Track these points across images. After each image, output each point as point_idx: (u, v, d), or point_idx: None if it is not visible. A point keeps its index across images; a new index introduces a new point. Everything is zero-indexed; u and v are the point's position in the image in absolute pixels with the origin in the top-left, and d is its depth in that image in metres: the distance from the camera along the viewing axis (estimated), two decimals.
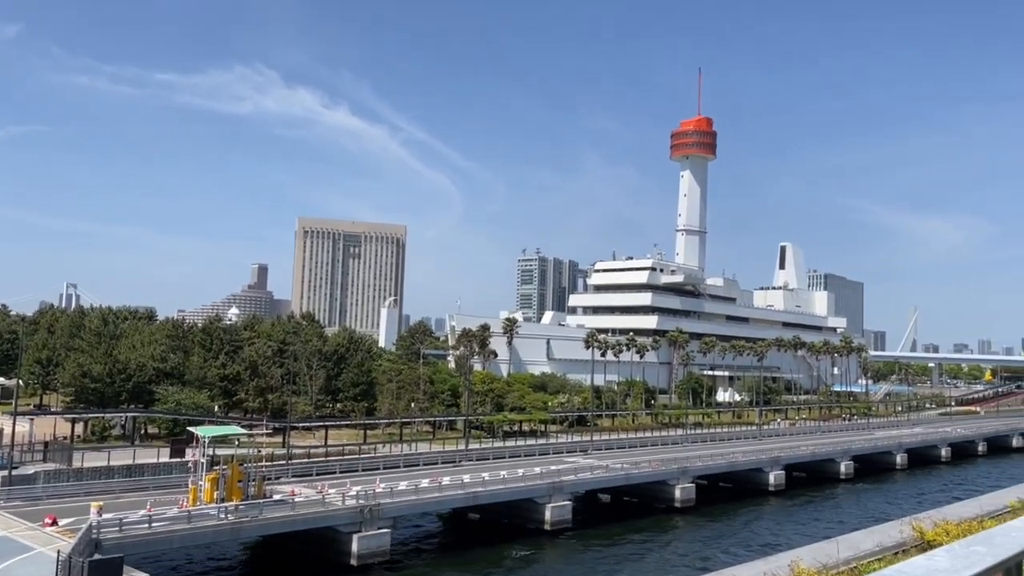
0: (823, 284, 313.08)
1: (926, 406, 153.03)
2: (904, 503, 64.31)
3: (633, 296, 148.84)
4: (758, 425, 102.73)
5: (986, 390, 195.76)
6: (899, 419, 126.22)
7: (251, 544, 44.06)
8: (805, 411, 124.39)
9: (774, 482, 67.90)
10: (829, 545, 16.31)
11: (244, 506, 39.54)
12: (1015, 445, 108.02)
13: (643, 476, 58.83)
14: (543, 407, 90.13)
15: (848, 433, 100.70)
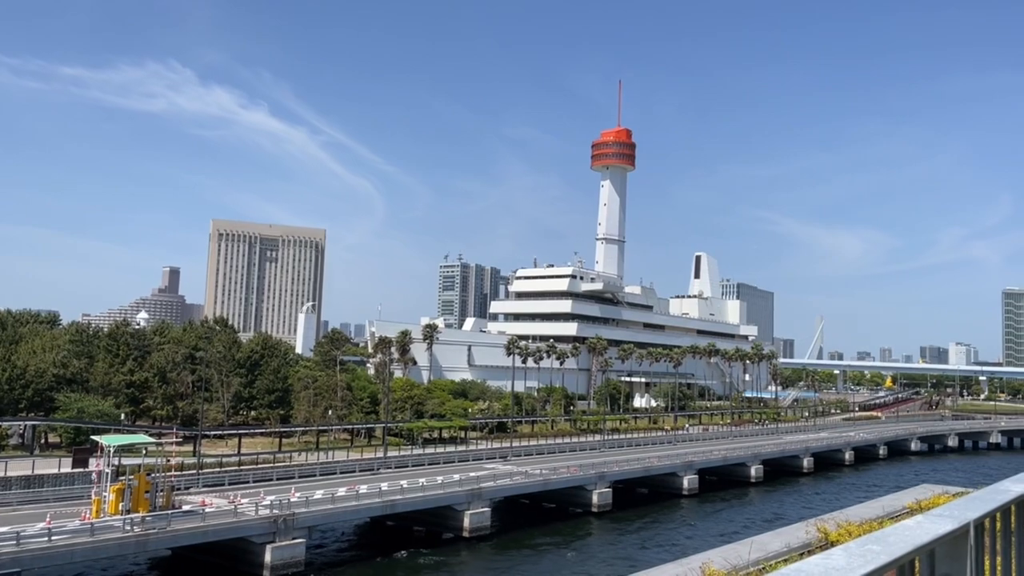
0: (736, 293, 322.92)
1: (831, 412, 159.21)
2: (810, 505, 66.78)
3: (554, 303, 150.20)
4: (673, 430, 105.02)
5: (887, 396, 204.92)
6: (806, 424, 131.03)
7: (159, 557, 42.46)
8: (718, 416, 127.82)
9: (688, 486, 69.58)
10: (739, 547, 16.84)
11: (151, 518, 38.13)
12: (914, 449, 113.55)
13: (561, 481, 59.39)
14: (463, 414, 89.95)
15: (758, 438, 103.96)
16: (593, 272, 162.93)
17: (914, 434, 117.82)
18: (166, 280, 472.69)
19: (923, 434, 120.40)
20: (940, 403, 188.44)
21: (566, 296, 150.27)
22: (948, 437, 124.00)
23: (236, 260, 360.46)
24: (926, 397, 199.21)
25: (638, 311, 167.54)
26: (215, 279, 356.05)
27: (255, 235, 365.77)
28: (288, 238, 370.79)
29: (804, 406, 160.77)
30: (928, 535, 1.94)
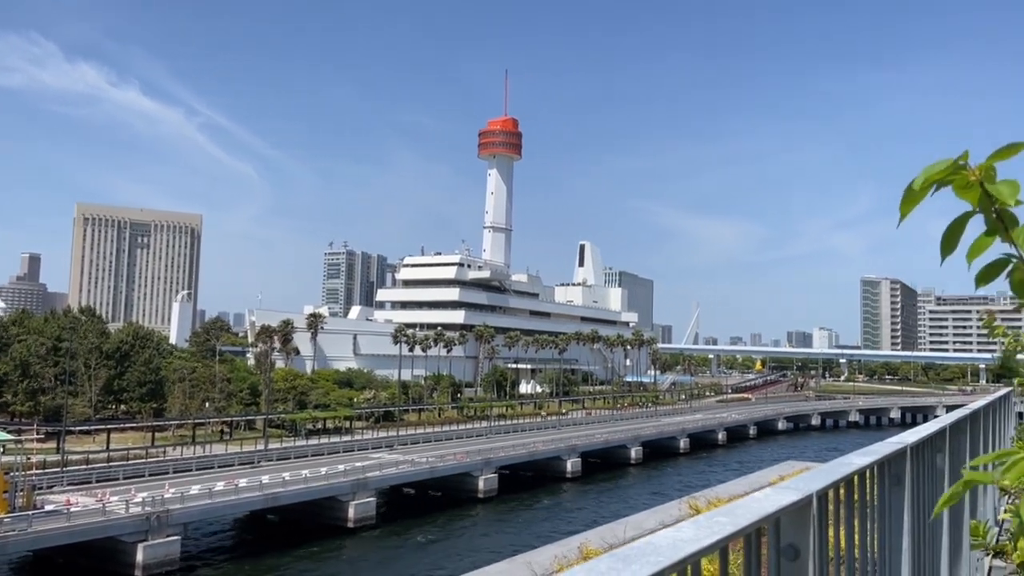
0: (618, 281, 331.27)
1: (706, 394, 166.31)
2: (687, 483, 69.66)
3: (441, 291, 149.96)
4: (558, 415, 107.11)
5: (757, 379, 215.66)
6: (683, 407, 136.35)
7: (21, 560, 39.85)
8: (601, 401, 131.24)
9: (572, 469, 71.21)
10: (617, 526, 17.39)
11: (10, 519, 35.72)
12: (781, 428, 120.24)
13: (448, 469, 59.57)
14: (349, 404, 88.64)
15: (638, 421, 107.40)
16: (481, 260, 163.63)
17: (781, 414, 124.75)
18: (25, 267, 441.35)
19: (789, 414, 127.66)
20: (805, 384, 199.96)
21: (454, 284, 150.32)
22: (812, 416, 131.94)
23: (104, 246, 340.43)
24: (792, 379, 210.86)
25: (525, 299, 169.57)
26: (80, 266, 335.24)
27: (125, 220, 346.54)
28: (161, 223, 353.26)
29: (681, 389, 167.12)
30: (773, 506, 2.06)
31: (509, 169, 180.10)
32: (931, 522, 4.78)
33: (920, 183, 1.34)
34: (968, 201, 1.36)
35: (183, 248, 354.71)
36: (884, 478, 3.53)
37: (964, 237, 1.36)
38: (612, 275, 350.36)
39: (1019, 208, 1.30)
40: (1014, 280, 1.35)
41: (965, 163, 1.32)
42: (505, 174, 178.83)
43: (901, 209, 1.40)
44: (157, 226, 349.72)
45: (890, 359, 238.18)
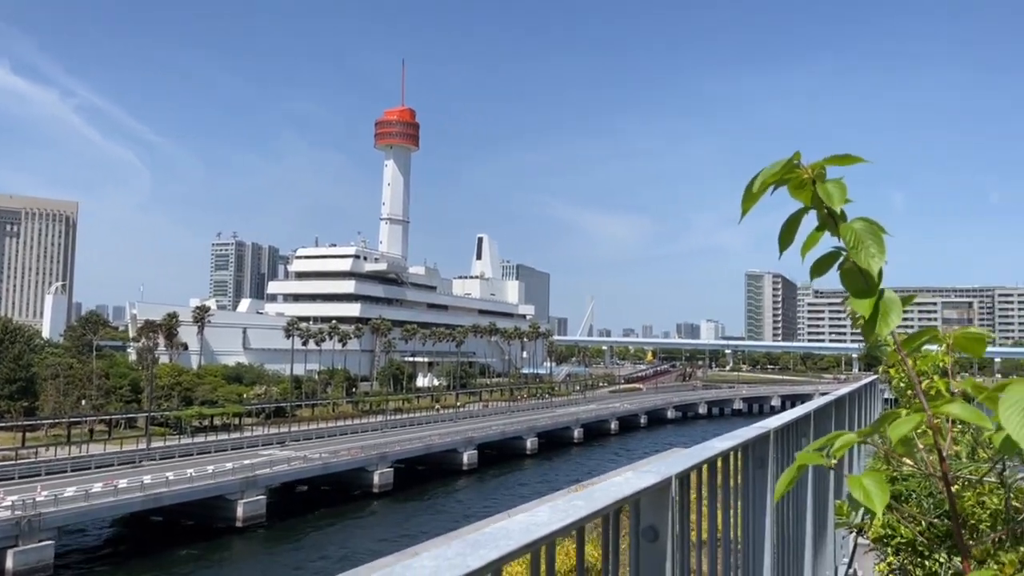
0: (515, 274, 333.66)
1: (599, 385, 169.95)
2: (579, 472, 71.10)
3: (336, 284, 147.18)
4: (455, 408, 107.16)
5: (648, 369, 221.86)
6: (577, 397, 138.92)
7: None
8: (497, 393, 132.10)
9: (468, 461, 71.43)
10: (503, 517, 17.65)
11: None
12: (670, 417, 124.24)
13: (342, 464, 58.67)
14: (238, 400, 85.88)
15: (534, 412, 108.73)
16: (377, 252, 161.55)
17: (670, 403, 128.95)
18: None
19: (678, 403, 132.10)
20: (693, 375, 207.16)
21: (349, 276, 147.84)
22: (699, 405, 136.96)
23: None
24: (681, 370, 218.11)
25: (422, 292, 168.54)
26: None
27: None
28: (33, 211, 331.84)
29: (576, 380, 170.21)
30: (631, 489, 2.11)
31: (406, 160, 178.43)
32: (796, 503, 5.05)
33: (758, 185, 1.40)
34: (801, 200, 1.45)
35: (57, 237, 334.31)
36: (748, 461, 3.69)
37: (802, 233, 1.44)
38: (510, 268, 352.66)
39: (850, 205, 1.45)
40: (843, 272, 1.41)
41: (798, 163, 1.39)
42: (402, 165, 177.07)
43: (742, 207, 1.46)
44: (28, 214, 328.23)
45: (771, 349, 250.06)
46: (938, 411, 1.39)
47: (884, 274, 1.37)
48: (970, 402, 1.44)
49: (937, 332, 1.74)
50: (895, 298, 1.41)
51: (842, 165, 1.41)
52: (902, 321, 1.39)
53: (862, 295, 1.39)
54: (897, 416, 1.42)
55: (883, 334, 1.36)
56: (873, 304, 1.38)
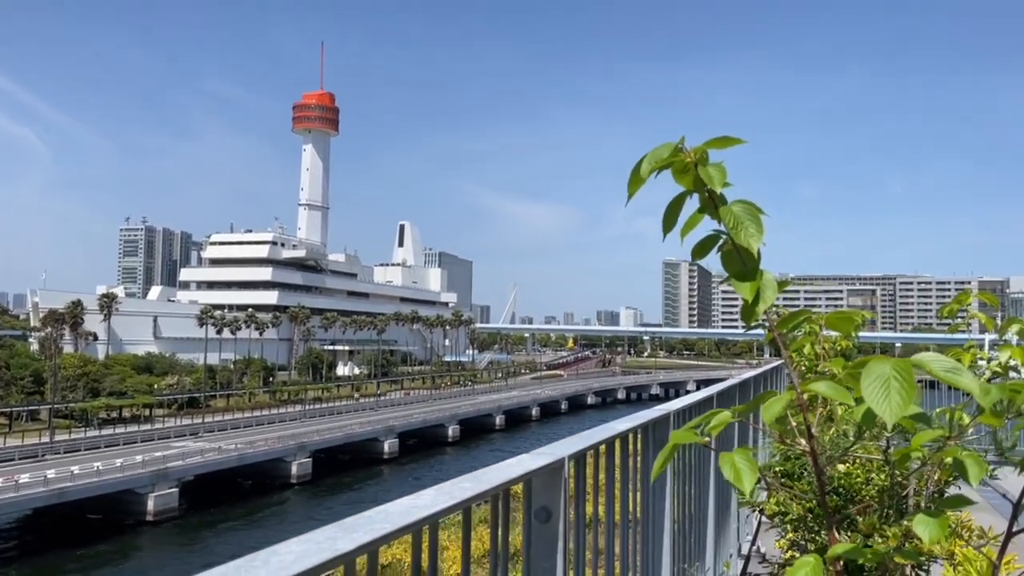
0: (438, 261, 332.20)
1: (522, 372, 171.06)
2: (499, 458, 71.21)
3: (252, 271, 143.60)
4: (376, 397, 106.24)
5: (569, 356, 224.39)
6: (500, 384, 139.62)
7: None
8: (419, 381, 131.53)
9: (389, 450, 71.00)
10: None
11: None
12: (590, 402, 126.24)
13: (259, 455, 57.50)
14: (149, 390, 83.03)
15: (456, 400, 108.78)
16: (295, 239, 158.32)
17: (590, 389, 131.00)
18: None
19: (597, 389, 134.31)
20: (612, 361, 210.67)
21: (266, 263, 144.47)
22: (618, 391, 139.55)
23: None
24: (601, 356, 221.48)
25: (342, 279, 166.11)
26: None
27: None
28: None
29: (498, 368, 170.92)
30: (522, 470, 2.12)
31: (326, 145, 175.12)
32: (700, 482, 5.20)
33: (645, 168, 1.41)
34: (683, 184, 1.46)
35: None
36: (649, 442, 3.77)
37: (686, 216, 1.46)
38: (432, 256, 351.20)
39: (729, 189, 1.47)
40: (724, 255, 1.43)
41: (682, 147, 1.40)
42: (321, 150, 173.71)
43: (629, 190, 1.48)
44: None
45: (688, 336, 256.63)
46: (806, 389, 1.44)
47: (763, 255, 1.45)
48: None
49: (810, 313, 1.80)
50: (772, 279, 1.43)
51: (721, 148, 1.42)
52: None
53: (741, 277, 1.42)
54: (772, 396, 1.46)
55: (760, 313, 1.41)
56: (752, 285, 1.41)
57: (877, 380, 1.26)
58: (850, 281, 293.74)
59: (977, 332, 4.22)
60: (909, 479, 4.11)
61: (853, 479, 4.36)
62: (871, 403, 1.25)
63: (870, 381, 1.27)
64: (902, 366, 1.28)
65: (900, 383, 1.25)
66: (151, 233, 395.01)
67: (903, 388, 1.24)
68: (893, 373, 1.26)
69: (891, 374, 1.26)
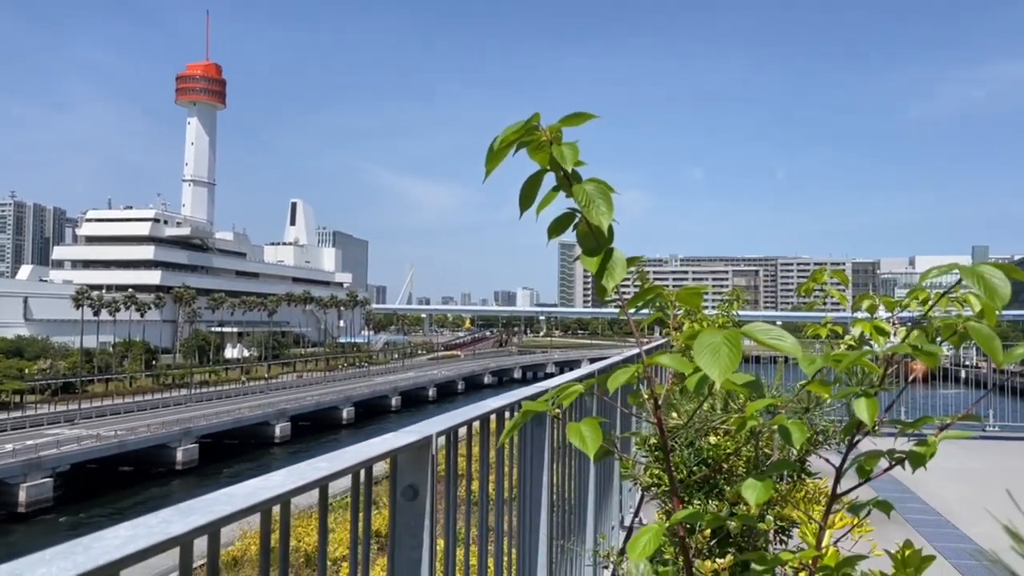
0: (332, 241, 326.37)
1: (419, 353, 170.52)
2: None
3: (133, 249, 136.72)
4: (267, 380, 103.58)
5: (466, 336, 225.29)
6: (396, 366, 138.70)
7: None
8: (313, 363, 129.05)
9: (280, 433, 69.49)
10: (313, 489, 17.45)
11: None
12: (487, 382, 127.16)
13: (140, 441, 55.17)
14: (18, 375, 78.10)
15: (351, 381, 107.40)
16: (180, 216, 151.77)
17: (487, 369, 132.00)
18: None
19: (494, 368, 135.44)
20: (508, 341, 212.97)
21: (148, 242, 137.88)
22: (514, 370, 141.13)
23: None
24: (498, 336, 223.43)
25: (231, 258, 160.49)
26: None
27: None
28: None
29: (395, 349, 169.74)
30: (385, 448, 2.10)
31: (212, 118, 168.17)
32: (580, 457, 5.31)
33: (498, 144, 1.42)
34: (539, 161, 1.47)
35: None
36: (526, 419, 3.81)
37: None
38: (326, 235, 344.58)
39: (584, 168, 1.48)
40: (579, 233, 1.45)
41: (537, 125, 1.41)
42: (207, 123, 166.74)
43: (486, 167, 1.49)
44: None
45: (582, 315, 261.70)
46: (652, 362, 1.47)
47: (615, 233, 1.46)
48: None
49: (660, 290, 1.85)
50: (621, 256, 1.45)
51: (575, 125, 1.43)
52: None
53: (593, 253, 1.44)
54: (620, 368, 1.48)
55: (609, 289, 1.43)
56: (602, 262, 1.43)
57: (708, 347, 1.32)
58: (735, 262, 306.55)
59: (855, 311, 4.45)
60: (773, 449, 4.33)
61: (721, 450, 4.55)
62: (702, 366, 1.31)
63: (702, 348, 1.32)
64: (732, 335, 1.34)
65: (728, 348, 1.31)
66: (20, 209, 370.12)
67: (731, 353, 1.31)
68: (723, 341, 1.33)
69: (721, 342, 1.32)
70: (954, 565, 6.05)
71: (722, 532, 3.54)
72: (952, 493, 8.76)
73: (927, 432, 1.57)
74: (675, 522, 1.57)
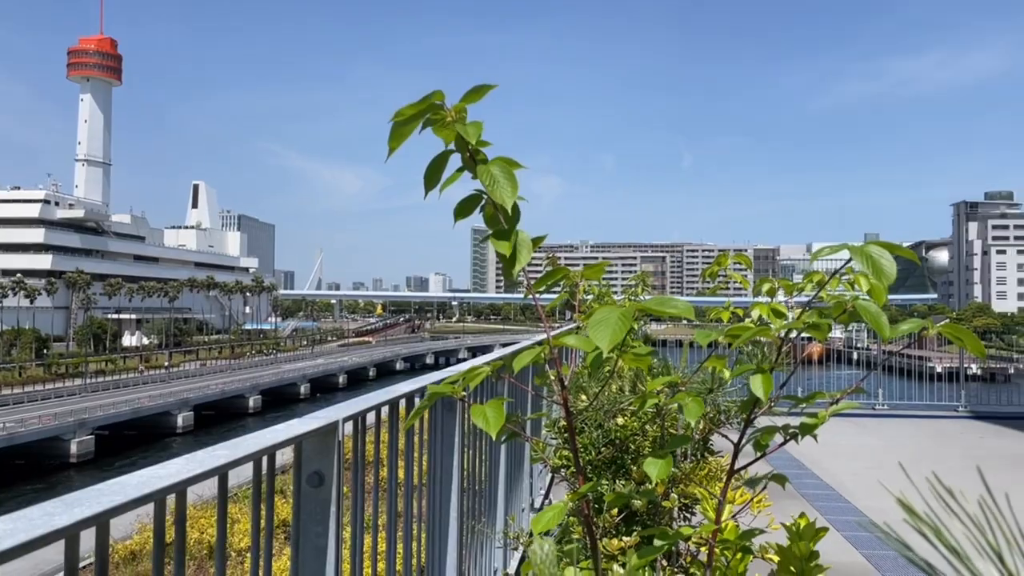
0: (237, 224, 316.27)
1: (328, 339, 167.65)
2: None
3: (21, 232, 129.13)
4: (169, 368, 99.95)
5: (377, 323, 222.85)
6: (305, 353, 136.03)
7: None
8: (217, 351, 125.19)
9: (183, 423, 67.32)
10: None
11: None
12: (398, 368, 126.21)
13: (31, 434, 52.49)
14: None
15: (258, 369, 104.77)
16: (72, 198, 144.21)
17: (399, 355, 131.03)
18: None
19: (406, 355, 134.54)
20: (421, 326, 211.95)
21: (38, 224, 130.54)
22: (427, 356, 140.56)
23: None
24: (410, 322, 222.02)
25: (128, 242, 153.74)
26: None
27: None
28: None
29: (304, 335, 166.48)
30: (289, 434, 2.05)
31: (107, 95, 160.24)
32: (490, 442, 5.34)
33: (395, 118, 1.44)
34: (445, 139, 1.46)
35: None
36: (437, 404, 3.79)
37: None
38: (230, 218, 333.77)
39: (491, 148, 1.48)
40: (486, 215, 1.45)
41: (442, 103, 1.39)
42: (102, 101, 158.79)
43: (389, 145, 1.49)
44: None
45: (495, 300, 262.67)
46: (556, 343, 1.47)
47: (520, 213, 1.46)
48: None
49: (567, 271, 1.86)
50: (527, 238, 1.45)
51: (476, 99, 1.41)
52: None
53: (500, 236, 1.44)
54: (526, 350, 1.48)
55: (516, 270, 1.43)
56: (508, 244, 1.42)
57: (602, 321, 1.35)
58: (643, 248, 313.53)
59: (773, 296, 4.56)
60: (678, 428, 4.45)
61: (628, 431, 4.65)
62: (594, 338, 1.33)
63: (596, 322, 1.35)
64: (624, 310, 1.37)
65: (619, 321, 1.34)
66: None
67: (620, 324, 1.34)
68: (616, 315, 1.36)
69: (615, 315, 1.36)
70: (845, 537, 6.39)
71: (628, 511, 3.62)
72: (845, 468, 9.22)
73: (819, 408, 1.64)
74: (579, 496, 1.59)
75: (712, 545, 1.63)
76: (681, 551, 3.03)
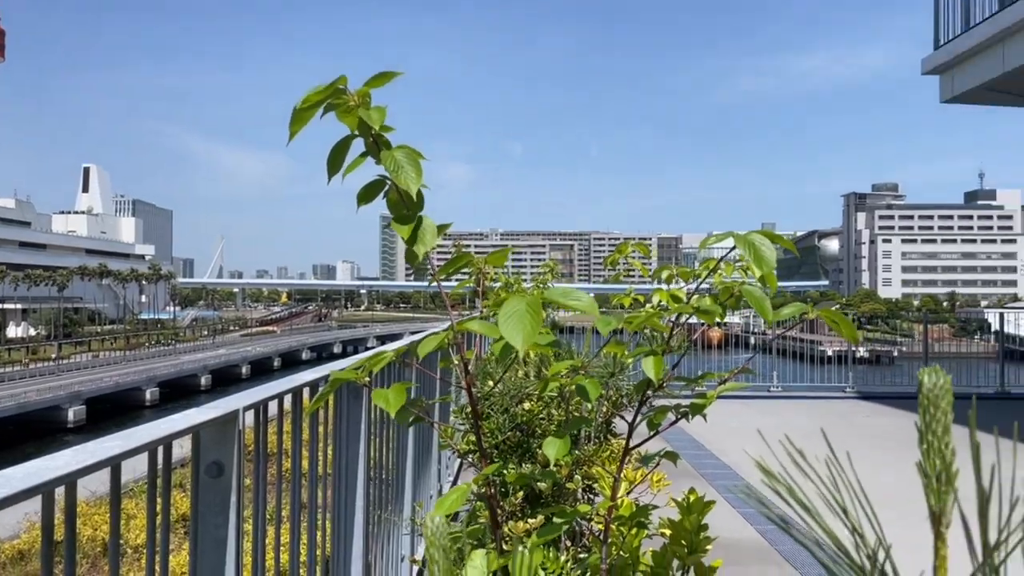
0: (132, 210, 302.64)
1: (231, 329, 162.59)
2: None
3: None
4: (56, 360, 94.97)
5: (282, 311, 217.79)
6: (206, 343, 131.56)
7: None
8: (111, 341, 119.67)
9: (74, 418, 64.14)
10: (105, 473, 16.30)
11: None
12: (305, 357, 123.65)
13: None
14: None
15: (155, 360, 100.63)
16: None
17: (305, 344, 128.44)
18: None
19: (313, 344, 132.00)
20: (328, 315, 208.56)
21: None
22: (334, 345, 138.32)
23: None
24: (316, 310, 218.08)
25: (13, 228, 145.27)
26: None
27: None
28: None
29: (204, 325, 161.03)
30: (187, 424, 2.01)
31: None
32: (398, 430, 5.32)
33: (301, 105, 1.44)
34: (348, 125, 1.45)
35: None
36: (341, 392, 3.76)
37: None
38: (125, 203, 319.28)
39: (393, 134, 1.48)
40: (389, 200, 1.46)
41: (345, 88, 1.39)
42: None
43: (290, 129, 1.48)
44: None
45: (405, 289, 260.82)
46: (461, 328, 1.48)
47: (424, 200, 1.46)
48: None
49: (471, 257, 1.88)
50: (431, 224, 1.47)
51: (381, 85, 1.41)
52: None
53: (404, 221, 1.45)
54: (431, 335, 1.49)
55: (420, 255, 1.44)
56: (411, 228, 1.44)
57: (513, 315, 1.33)
58: (551, 236, 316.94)
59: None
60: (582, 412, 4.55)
61: (534, 415, 4.73)
62: (506, 335, 1.32)
63: (507, 315, 1.33)
64: (533, 302, 1.36)
65: (531, 315, 1.33)
66: None
67: (533, 319, 1.33)
68: (526, 307, 1.35)
69: (525, 309, 1.34)
70: (740, 513, 6.72)
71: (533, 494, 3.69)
72: (742, 448, 9.62)
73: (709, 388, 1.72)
74: (482, 478, 1.62)
75: (608, 521, 1.70)
76: (584, 531, 3.12)
